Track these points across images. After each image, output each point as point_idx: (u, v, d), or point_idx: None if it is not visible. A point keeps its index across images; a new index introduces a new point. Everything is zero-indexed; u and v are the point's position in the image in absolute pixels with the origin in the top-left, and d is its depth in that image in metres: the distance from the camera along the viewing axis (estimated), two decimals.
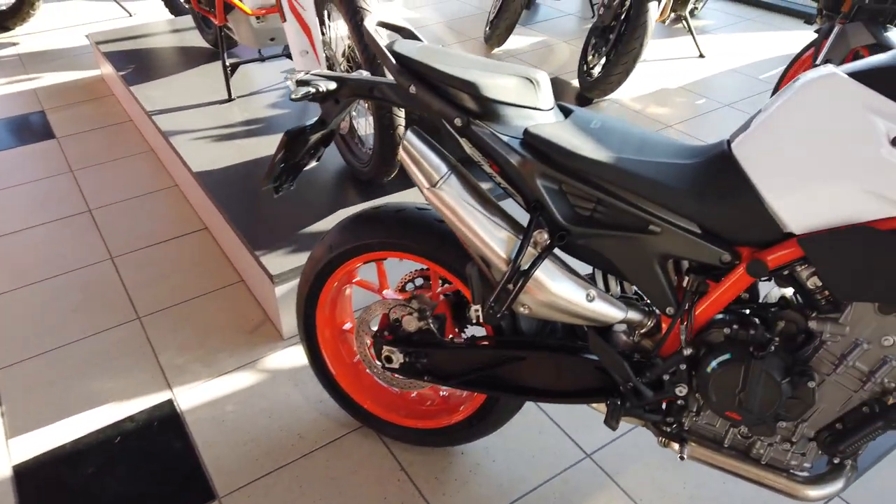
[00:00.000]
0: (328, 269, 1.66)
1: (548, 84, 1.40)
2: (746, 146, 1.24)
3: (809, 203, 1.17)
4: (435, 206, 1.36)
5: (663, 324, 1.40)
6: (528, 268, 1.33)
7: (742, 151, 1.25)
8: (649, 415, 1.44)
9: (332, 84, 1.50)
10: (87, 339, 2.22)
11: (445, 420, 1.74)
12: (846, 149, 1.12)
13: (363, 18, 2.09)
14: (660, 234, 1.30)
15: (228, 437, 1.88)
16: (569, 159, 1.29)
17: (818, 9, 3.14)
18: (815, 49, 2.95)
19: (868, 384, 1.25)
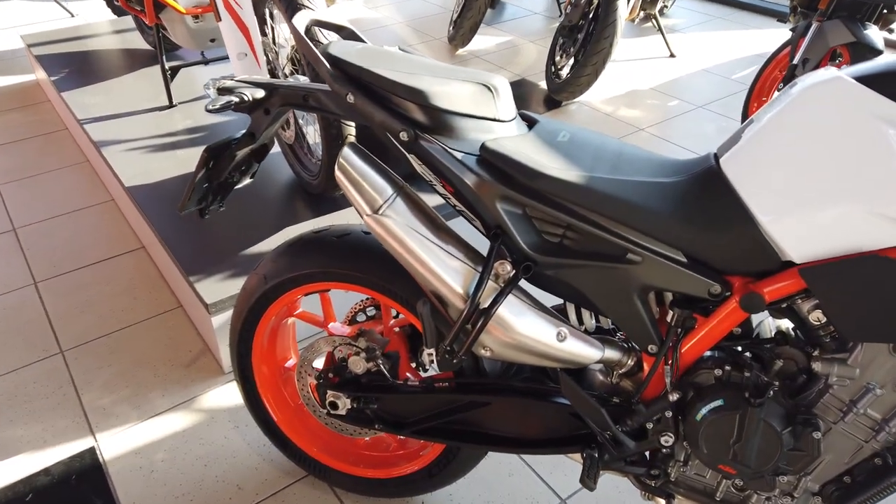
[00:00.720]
0: (263, 302, 1.45)
1: (508, 91, 1.21)
2: (737, 162, 1.07)
3: (812, 228, 1.00)
4: (378, 236, 1.15)
5: (645, 363, 1.22)
6: (490, 305, 1.14)
7: (732, 168, 1.07)
8: (631, 467, 1.26)
9: (259, 92, 1.30)
10: (0, 377, 1.97)
11: (403, 469, 1.54)
12: (854, 164, 0.95)
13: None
14: (639, 264, 1.12)
15: (157, 492, 1.65)
16: (532, 179, 1.10)
17: (791, 6, 3.01)
18: (791, 48, 2.82)
19: (881, 433, 1.08)
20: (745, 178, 1.05)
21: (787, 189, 1.01)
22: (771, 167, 1.03)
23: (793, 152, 1.01)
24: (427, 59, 1.27)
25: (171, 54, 3.45)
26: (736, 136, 1.11)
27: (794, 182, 1.00)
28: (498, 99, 1.19)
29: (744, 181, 1.05)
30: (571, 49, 3.44)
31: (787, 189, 1.01)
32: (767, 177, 1.03)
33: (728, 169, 1.08)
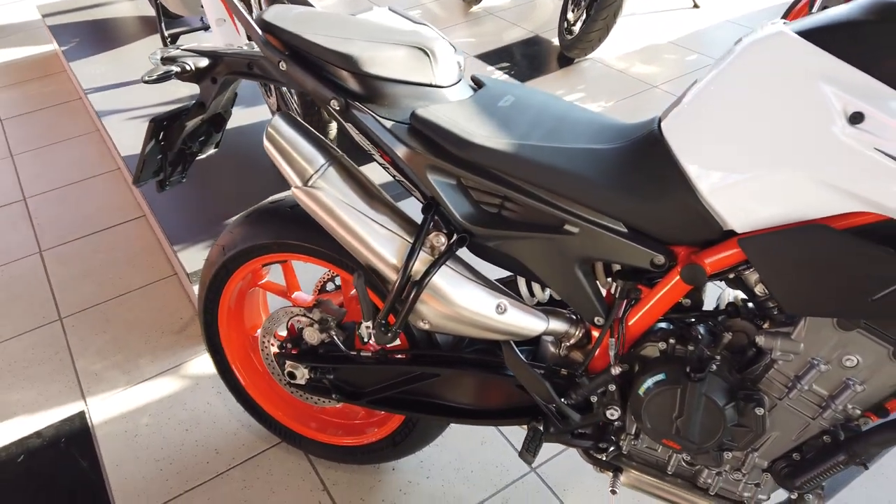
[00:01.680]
0: (223, 273, 1.45)
1: (448, 54, 1.17)
2: (678, 126, 1.01)
3: (751, 196, 0.94)
4: (307, 208, 1.14)
5: (593, 335, 1.18)
6: (422, 276, 1.11)
7: (673, 133, 1.02)
8: (578, 440, 1.24)
9: (203, 61, 1.28)
10: (1, 344, 2.05)
11: (369, 437, 1.55)
12: (794, 127, 0.89)
13: None
14: (578, 235, 1.08)
15: (140, 455, 1.71)
16: (462, 148, 1.06)
17: None
18: None
19: (827, 411, 1.03)
20: (684, 143, 1.00)
21: (726, 154, 0.95)
22: (709, 131, 0.97)
23: (732, 115, 0.95)
24: (369, 23, 1.23)
25: (178, 20, 3.45)
26: (679, 98, 1.05)
27: (732, 147, 0.94)
28: (435, 63, 1.15)
29: (683, 147, 1.00)
30: (583, 3, 3.31)
31: (725, 154, 0.95)
32: (706, 142, 0.97)
33: (668, 134, 1.02)
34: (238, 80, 1.34)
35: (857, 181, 0.85)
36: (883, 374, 0.98)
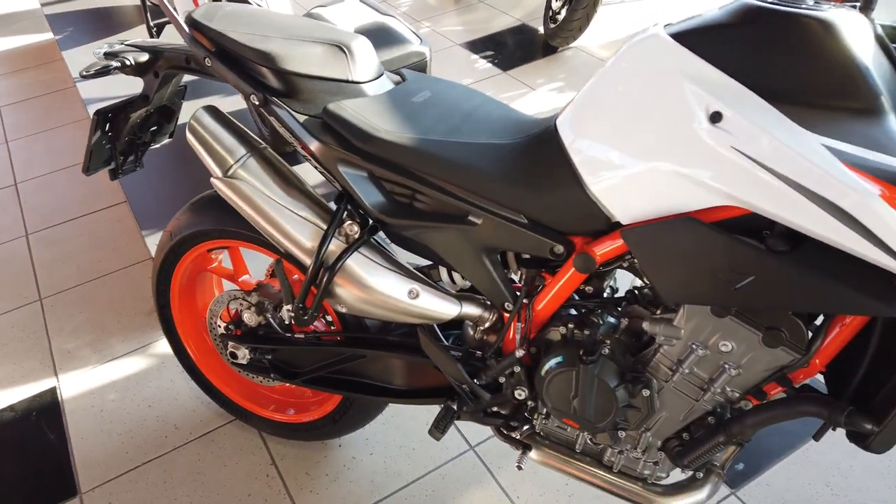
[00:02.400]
0: (172, 258, 1.53)
1: (366, 51, 1.23)
2: (568, 122, 1.07)
3: (630, 189, 0.99)
4: (227, 198, 1.21)
5: (506, 320, 1.25)
6: (335, 261, 1.18)
7: (564, 129, 1.07)
8: (489, 419, 1.31)
9: (143, 56, 1.35)
10: None
11: (312, 414, 1.63)
12: (663, 124, 0.94)
13: None
14: (481, 225, 1.14)
15: (104, 429, 1.80)
16: (367, 142, 1.13)
17: None
18: None
19: (708, 393, 1.08)
20: (573, 138, 1.05)
21: (608, 150, 1.00)
22: (593, 128, 1.02)
23: (611, 113, 1.00)
24: (295, 20, 1.29)
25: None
26: (576, 95, 1.10)
27: (612, 142, 0.99)
28: (352, 60, 1.21)
29: (572, 142, 1.05)
30: None
31: (607, 150, 1.00)
32: (591, 137, 1.02)
33: (561, 130, 1.08)
34: (180, 74, 1.41)
35: (718, 177, 0.90)
36: (755, 359, 1.03)
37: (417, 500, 1.59)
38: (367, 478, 1.64)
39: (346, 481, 1.64)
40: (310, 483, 1.64)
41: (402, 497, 1.59)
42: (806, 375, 1.04)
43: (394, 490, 1.61)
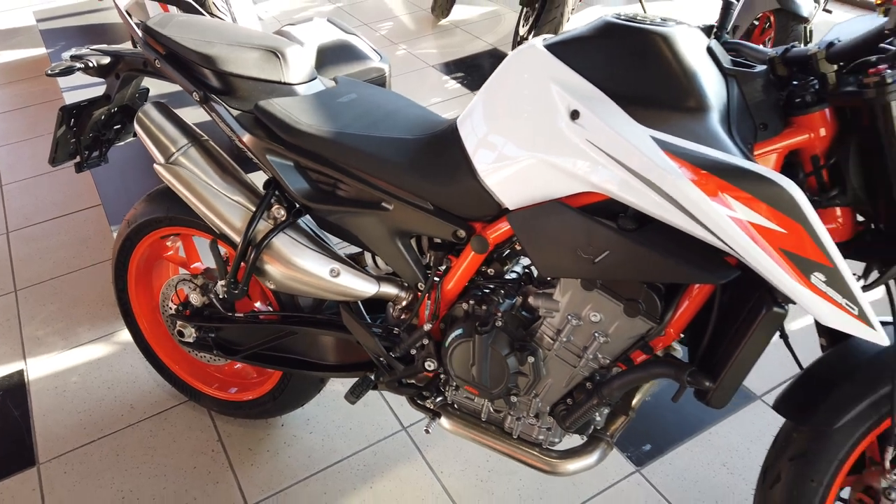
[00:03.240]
0: (129, 245, 1.68)
1: (298, 57, 1.39)
2: (466, 122, 1.22)
3: (512, 178, 1.14)
4: (168, 182, 1.36)
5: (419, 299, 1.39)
6: (261, 240, 1.33)
7: (463, 127, 1.22)
8: (404, 388, 1.44)
9: (105, 59, 1.51)
10: None
11: (255, 392, 1.76)
12: (536, 122, 1.10)
13: None
14: (392, 211, 1.29)
15: (65, 407, 1.93)
16: (291, 135, 1.28)
17: None
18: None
19: (583, 360, 1.23)
20: (468, 134, 1.20)
21: (495, 144, 1.15)
22: (484, 125, 1.17)
23: (498, 111, 1.15)
24: (240, 29, 1.45)
25: None
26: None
27: (498, 137, 1.15)
28: (285, 64, 1.37)
29: (468, 137, 1.20)
30: (531, 18, 3.53)
31: (494, 144, 1.15)
32: (482, 133, 1.18)
33: (461, 128, 1.23)
34: (140, 76, 1.57)
35: (578, 167, 1.06)
36: (620, 328, 1.17)
37: (349, 473, 1.71)
38: (304, 453, 1.77)
39: (285, 456, 1.76)
40: (251, 457, 1.77)
41: (335, 470, 1.72)
42: (664, 343, 1.18)
43: (328, 465, 1.74)
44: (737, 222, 0.94)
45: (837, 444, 1.13)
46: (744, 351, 1.06)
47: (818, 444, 1.14)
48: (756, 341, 1.05)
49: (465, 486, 1.67)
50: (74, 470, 1.76)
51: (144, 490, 1.71)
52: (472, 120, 1.21)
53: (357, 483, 1.69)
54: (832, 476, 1.14)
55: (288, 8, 4.73)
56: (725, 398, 1.11)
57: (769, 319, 1.02)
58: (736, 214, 0.94)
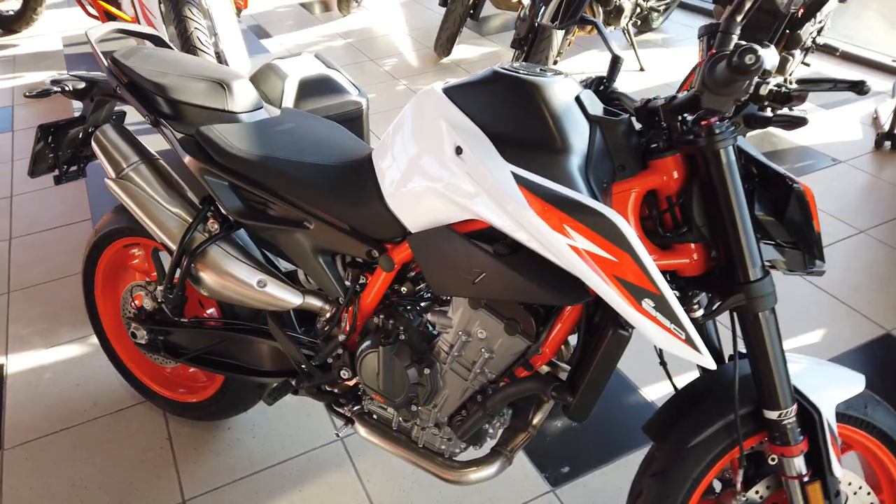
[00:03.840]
0: (96, 252, 1.84)
1: (244, 89, 1.55)
2: (377, 153, 1.36)
3: (412, 204, 1.27)
4: (117, 196, 1.52)
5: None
6: (194, 249, 1.47)
7: (375, 158, 1.36)
8: (323, 395, 1.56)
9: (80, 84, 1.69)
10: None
11: (202, 395, 1.89)
12: (428, 155, 1.23)
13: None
14: (313, 230, 1.42)
15: (35, 399, 2.09)
16: (225, 158, 1.43)
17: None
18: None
19: (472, 374, 1.33)
20: (379, 164, 1.34)
21: (398, 173, 1.29)
22: (390, 154, 1.31)
23: (401, 144, 1.29)
24: (197, 62, 1.62)
25: None
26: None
27: (401, 167, 1.28)
28: (230, 94, 1.53)
29: (378, 166, 1.34)
30: (521, 59, 3.69)
31: (398, 173, 1.29)
32: (388, 163, 1.31)
33: (374, 158, 1.37)
34: (112, 100, 1.74)
35: (461, 196, 1.18)
36: (503, 345, 1.28)
37: (283, 476, 1.83)
38: (245, 455, 1.89)
39: (227, 457, 1.89)
40: (195, 456, 1.89)
41: (270, 473, 1.84)
42: (542, 361, 1.28)
43: (265, 467, 1.85)
44: (575, 250, 1.05)
45: (691, 463, 1.22)
46: (595, 370, 1.16)
47: (674, 462, 1.23)
48: (604, 361, 1.15)
49: (388, 495, 1.77)
50: (34, 457, 1.91)
51: (93, 480, 1.84)
52: (383, 150, 1.34)
53: (288, 486, 1.80)
54: (687, 493, 1.23)
55: (301, 42, 4.98)
56: (584, 412, 1.21)
57: (613, 341, 1.13)
58: (575, 243, 1.05)
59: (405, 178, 1.27)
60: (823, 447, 1.16)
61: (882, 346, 2.16)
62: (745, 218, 1.09)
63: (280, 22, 5.45)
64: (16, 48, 5.01)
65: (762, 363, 1.14)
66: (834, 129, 3.43)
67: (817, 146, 3.30)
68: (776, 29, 2.81)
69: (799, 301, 2.36)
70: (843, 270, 2.49)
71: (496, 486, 1.78)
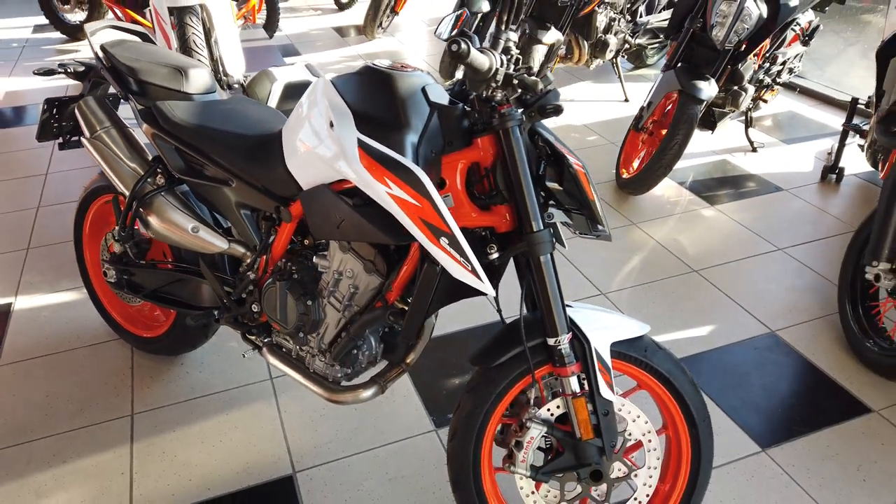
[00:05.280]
0: (84, 206, 2.26)
1: (199, 75, 1.94)
2: (285, 126, 1.72)
3: (303, 167, 1.62)
4: (89, 152, 1.92)
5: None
6: (142, 197, 1.86)
7: (284, 130, 1.72)
8: (239, 325, 1.91)
9: (80, 67, 2.11)
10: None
11: (155, 332, 2.27)
12: (313, 128, 1.58)
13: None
14: (234, 187, 1.79)
15: (32, 332, 2.50)
16: (171, 126, 1.82)
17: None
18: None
19: (343, 305, 1.67)
20: (284, 134, 1.70)
21: (295, 141, 1.64)
22: (290, 127, 1.67)
23: (299, 118, 1.65)
24: (167, 54, 2.02)
25: None
26: None
27: (297, 136, 1.64)
28: (186, 79, 1.92)
29: (284, 137, 1.70)
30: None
31: (295, 141, 1.64)
32: (288, 133, 1.67)
33: (283, 129, 1.73)
34: (106, 82, 2.16)
35: (331, 160, 1.53)
36: (363, 281, 1.61)
37: (217, 403, 2.18)
38: (189, 385, 2.25)
39: (174, 385, 2.25)
40: (149, 382, 2.26)
41: (207, 399, 2.19)
42: (394, 296, 1.61)
43: (203, 395, 2.21)
44: (392, 196, 1.39)
45: (494, 382, 1.52)
46: (415, 298, 1.49)
47: (482, 381, 1.53)
48: (422, 290, 1.48)
49: (298, 422, 2.10)
50: (21, 373, 2.31)
51: (63, 393, 2.23)
52: (288, 123, 1.70)
53: (219, 410, 2.15)
54: (490, 406, 1.53)
55: (324, 60, 5.45)
56: (409, 333, 1.53)
57: (427, 274, 1.46)
58: (391, 191, 1.39)
59: (298, 146, 1.62)
60: (592, 370, 1.45)
61: (764, 343, 2.40)
62: (528, 182, 1.40)
63: (311, 42, 5.95)
64: (76, 53, 5.63)
65: (543, 299, 1.44)
66: (787, 162, 3.67)
67: (767, 175, 3.55)
68: (717, 65, 3.10)
69: (700, 300, 2.61)
70: (749, 278, 2.74)
71: (390, 421, 2.09)
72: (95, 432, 2.09)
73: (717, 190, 3.42)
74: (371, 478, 1.93)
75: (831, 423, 2.08)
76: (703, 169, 3.64)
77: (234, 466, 1.97)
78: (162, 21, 2.94)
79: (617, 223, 3.14)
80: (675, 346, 2.38)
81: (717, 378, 2.25)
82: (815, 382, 2.23)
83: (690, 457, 1.60)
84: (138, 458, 2.00)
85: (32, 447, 2.04)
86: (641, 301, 2.62)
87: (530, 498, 1.58)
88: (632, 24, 4.45)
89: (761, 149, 3.81)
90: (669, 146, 3.02)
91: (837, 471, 1.92)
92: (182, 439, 2.06)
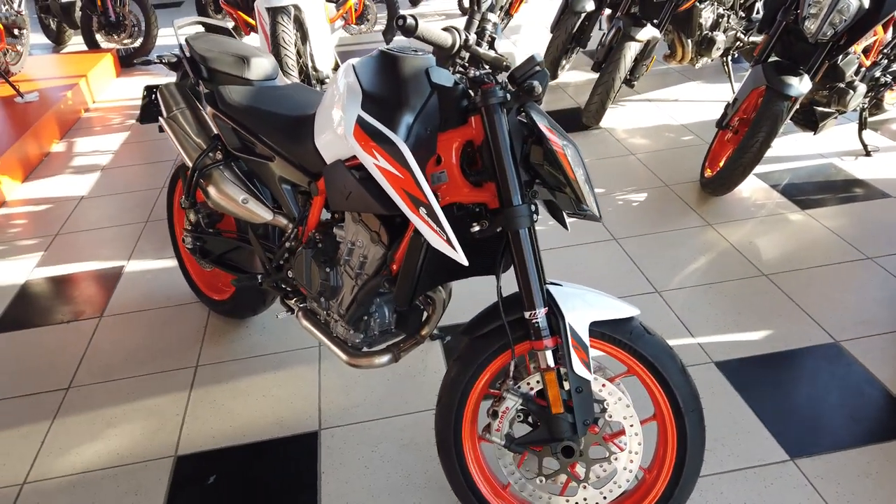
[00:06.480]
0: (172, 182, 2.57)
1: (261, 64, 2.16)
2: (318, 108, 1.89)
3: (325, 144, 1.78)
4: (164, 129, 2.19)
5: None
6: (202, 169, 2.09)
7: (317, 112, 1.89)
8: (278, 289, 2.10)
9: (174, 59, 2.42)
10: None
11: (223, 295, 2.54)
12: (333, 108, 1.73)
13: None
14: (276, 163, 1.98)
15: (134, 290, 2.87)
16: (227, 108, 2.04)
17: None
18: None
19: (355, 273, 1.80)
20: (317, 116, 1.87)
21: (323, 121, 1.80)
22: (322, 110, 1.83)
23: (328, 101, 1.81)
24: (238, 44, 2.26)
25: None
26: None
27: (325, 117, 1.80)
28: (248, 67, 2.14)
29: (317, 118, 1.87)
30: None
31: (323, 121, 1.80)
32: (318, 115, 1.83)
33: (317, 111, 1.90)
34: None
35: (344, 138, 1.67)
36: (371, 251, 1.74)
37: (269, 362, 2.40)
38: (250, 345, 2.49)
39: (236, 345, 2.50)
40: (217, 339, 2.53)
41: (261, 359, 2.42)
42: (396, 266, 1.71)
43: (261, 354, 2.44)
44: (379, 168, 1.50)
45: (477, 352, 1.58)
46: (404, 265, 1.58)
47: (467, 350, 1.60)
48: (409, 258, 1.57)
49: (334, 385, 2.27)
50: (119, 324, 2.67)
51: (147, 344, 2.55)
52: (319, 109, 1.87)
53: (269, 368, 2.37)
54: (473, 375, 1.59)
55: None
56: (401, 299, 1.63)
57: (412, 243, 1.55)
58: (378, 163, 1.50)
59: (323, 124, 1.78)
60: (566, 345, 1.47)
61: (823, 353, 2.24)
62: (509, 159, 1.46)
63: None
64: None
65: (521, 272, 1.48)
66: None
67: (875, 181, 3.26)
68: (813, 60, 2.91)
69: (762, 304, 2.48)
70: (822, 285, 2.55)
71: (416, 393, 2.20)
72: (164, 378, 2.38)
73: (813, 194, 3.20)
74: (386, 441, 2.05)
75: (879, 440, 1.92)
76: (803, 172, 3.41)
77: (270, 419, 2.17)
78: (263, 21, 3.26)
79: (692, 223, 3.04)
80: (717, 348, 2.29)
81: (757, 382, 2.14)
82: (873, 397, 2.06)
83: (676, 446, 1.57)
84: (192, 404, 2.25)
85: (113, 385, 2.36)
86: (698, 301, 2.54)
87: (509, 469, 1.63)
88: (745, 21, 4.24)
89: (876, 153, 3.50)
90: (749, 145, 2.88)
91: (871, 490, 1.78)
92: (232, 391, 2.29)
